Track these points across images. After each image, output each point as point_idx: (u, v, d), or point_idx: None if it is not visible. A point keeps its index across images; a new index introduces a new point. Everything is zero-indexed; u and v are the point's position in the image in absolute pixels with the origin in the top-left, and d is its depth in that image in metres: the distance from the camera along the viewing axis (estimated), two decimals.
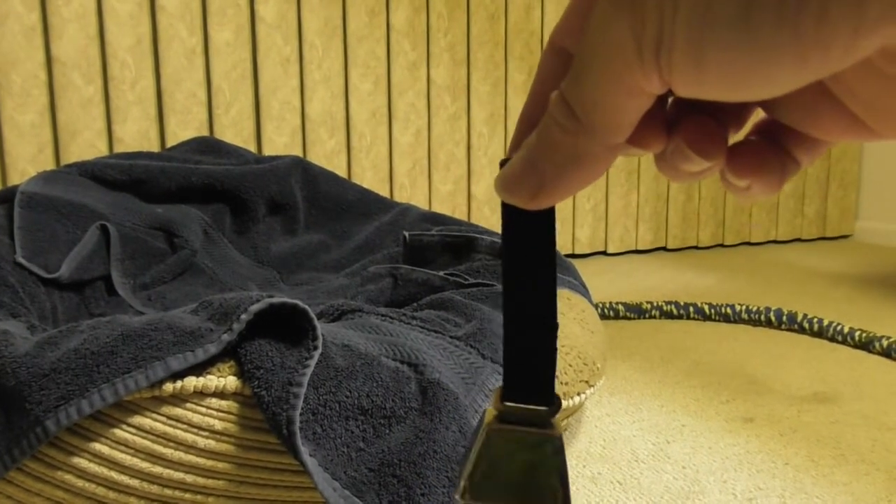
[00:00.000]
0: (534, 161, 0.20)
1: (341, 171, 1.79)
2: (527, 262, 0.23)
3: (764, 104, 0.21)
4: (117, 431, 0.50)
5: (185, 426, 0.51)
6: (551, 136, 0.20)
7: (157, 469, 0.51)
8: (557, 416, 0.24)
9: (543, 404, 0.24)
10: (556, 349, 0.24)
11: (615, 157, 0.20)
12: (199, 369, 0.52)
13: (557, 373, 0.68)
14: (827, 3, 0.14)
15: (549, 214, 0.22)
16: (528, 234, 0.23)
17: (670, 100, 0.21)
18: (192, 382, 0.51)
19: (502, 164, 0.22)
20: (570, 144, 0.19)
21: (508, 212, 0.22)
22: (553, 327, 0.23)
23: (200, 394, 0.52)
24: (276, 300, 0.54)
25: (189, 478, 0.51)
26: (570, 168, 0.20)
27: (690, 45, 0.16)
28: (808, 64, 0.15)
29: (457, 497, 0.24)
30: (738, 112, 0.22)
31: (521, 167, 0.20)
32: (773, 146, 0.21)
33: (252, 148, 1.69)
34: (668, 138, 0.20)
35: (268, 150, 1.70)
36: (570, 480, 0.71)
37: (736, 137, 0.22)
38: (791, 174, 0.21)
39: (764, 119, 0.22)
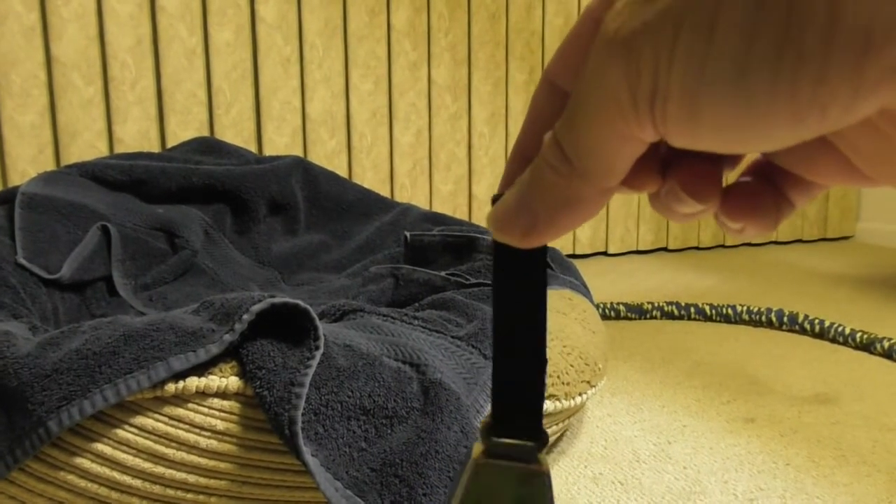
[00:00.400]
0: (526, 201, 0.20)
1: (342, 172, 1.79)
2: (517, 297, 0.23)
3: None
4: (119, 432, 0.50)
5: (187, 426, 0.51)
6: (544, 178, 0.20)
7: (160, 469, 0.51)
8: (544, 450, 0.24)
9: (531, 439, 0.24)
10: (544, 384, 0.24)
11: (608, 199, 0.20)
12: (201, 370, 0.52)
13: (559, 373, 0.68)
14: (825, 67, 0.14)
15: (541, 251, 0.23)
16: (520, 270, 0.23)
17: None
18: (194, 383, 0.51)
19: (494, 200, 0.22)
20: (563, 187, 0.19)
21: (500, 248, 0.22)
22: (542, 362, 0.24)
23: (202, 394, 0.52)
24: (277, 300, 0.54)
25: (191, 478, 0.51)
26: (563, 210, 0.20)
27: (685, 98, 0.16)
28: (805, 124, 0.15)
29: None
30: (732, 154, 0.22)
31: (513, 206, 0.20)
32: (767, 188, 0.21)
33: (253, 148, 1.69)
34: (662, 180, 0.20)
35: (268, 151, 1.70)
36: (572, 481, 0.71)
37: (731, 175, 0.22)
38: (785, 215, 0.21)
39: (759, 159, 0.22)
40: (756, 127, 0.15)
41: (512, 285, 0.23)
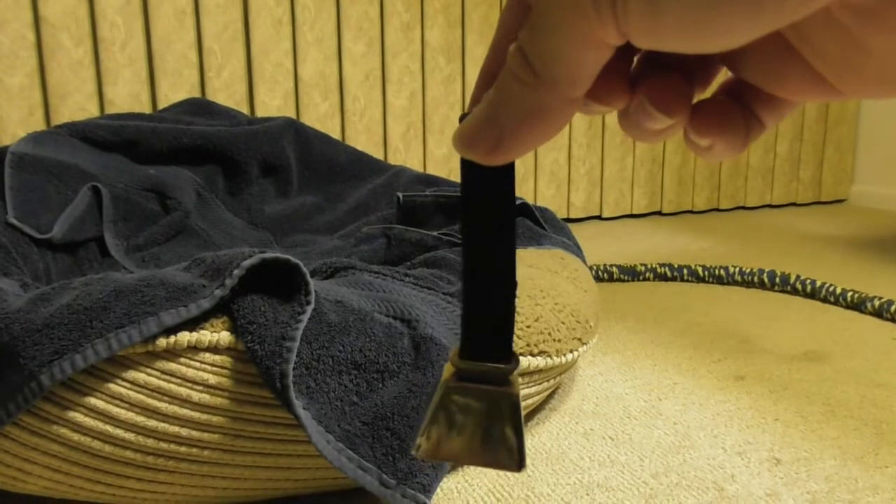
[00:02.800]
0: (492, 115, 0.20)
1: (335, 135, 1.78)
2: (486, 218, 0.23)
3: (728, 62, 0.21)
4: (112, 386, 0.50)
5: (179, 380, 0.51)
6: (510, 90, 0.19)
7: (152, 423, 0.51)
8: (515, 373, 0.24)
9: (502, 362, 0.23)
10: (514, 307, 0.24)
11: (574, 111, 0.19)
12: (192, 324, 0.52)
13: (550, 329, 0.68)
14: None
15: (509, 170, 0.22)
16: (487, 190, 0.22)
17: (636, 58, 0.21)
18: (185, 337, 0.51)
19: (461, 119, 0.21)
20: (529, 97, 0.19)
21: (467, 167, 0.22)
22: (512, 284, 0.23)
23: (194, 349, 0.52)
24: (268, 255, 0.54)
25: (184, 431, 0.52)
26: (529, 122, 0.19)
27: None
28: (764, 12, 0.15)
29: (413, 453, 0.24)
30: (703, 71, 0.21)
31: (479, 121, 0.20)
32: (737, 106, 0.21)
33: (245, 111, 1.68)
34: (631, 95, 0.20)
35: (261, 113, 1.69)
36: (563, 436, 0.72)
37: (702, 97, 0.22)
38: (755, 135, 0.21)
39: (729, 79, 0.22)
40: (716, 19, 0.15)
41: (479, 207, 0.23)
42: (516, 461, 0.23)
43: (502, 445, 0.23)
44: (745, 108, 0.21)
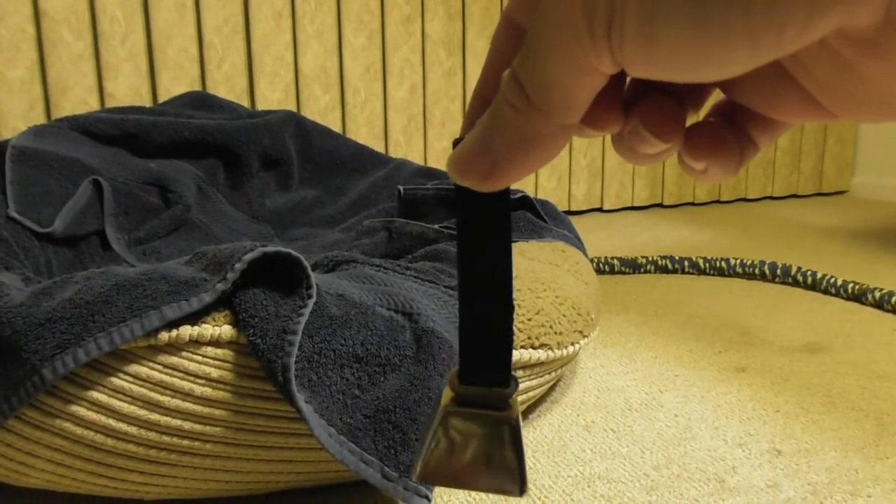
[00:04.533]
0: (486, 142, 0.20)
1: (336, 128, 1.78)
2: (482, 243, 0.23)
3: (722, 85, 0.20)
4: (114, 380, 0.51)
5: (181, 374, 0.51)
6: (503, 116, 0.19)
7: (155, 416, 0.51)
8: (515, 396, 0.24)
9: (501, 385, 0.23)
10: (512, 330, 0.24)
11: (569, 138, 0.19)
12: (194, 318, 0.52)
13: (552, 322, 0.69)
14: None
15: (504, 195, 0.22)
16: (483, 214, 0.22)
17: (628, 80, 0.21)
18: (187, 331, 0.51)
19: (455, 143, 0.21)
20: (523, 124, 0.19)
21: (462, 193, 0.22)
22: (509, 308, 0.23)
23: (196, 342, 0.52)
24: (270, 249, 0.54)
25: (186, 425, 0.52)
26: (523, 148, 0.19)
27: (641, 24, 0.15)
28: (761, 45, 0.15)
29: (412, 480, 0.24)
30: (696, 93, 0.21)
31: (473, 147, 0.20)
32: (731, 128, 0.21)
33: (245, 104, 1.67)
34: (624, 119, 0.20)
35: (261, 107, 1.69)
36: (564, 428, 0.72)
37: (694, 119, 0.21)
38: (749, 156, 0.21)
39: (722, 100, 0.21)
40: (712, 51, 0.15)
41: (476, 232, 0.22)
42: (518, 485, 0.23)
43: (504, 470, 0.23)
44: (738, 129, 0.21)
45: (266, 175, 1.16)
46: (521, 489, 0.23)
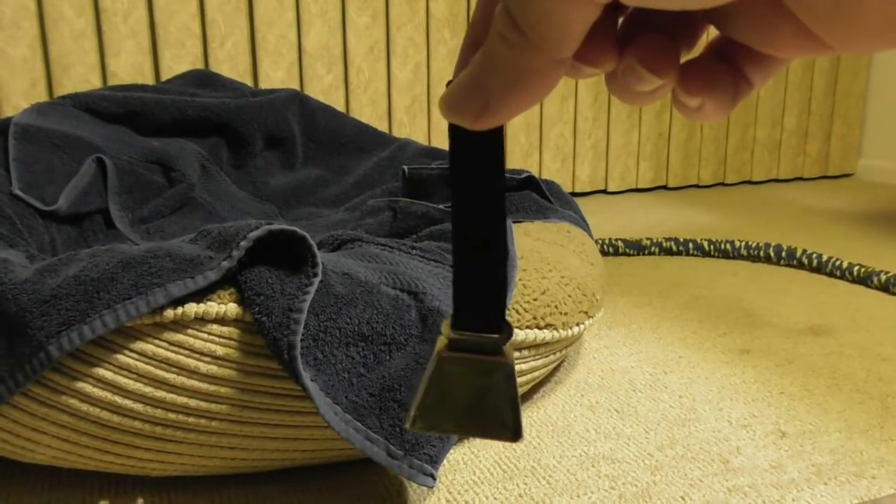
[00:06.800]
0: (479, 79, 0.19)
1: (339, 108, 1.77)
2: (475, 185, 0.22)
3: (715, 20, 0.20)
4: (120, 357, 0.51)
5: (186, 352, 0.51)
6: (496, 52, 0.19)
7: (160, 393, 0.51)
8: (509, 343, 0.23)
9: (495, 332, 0.23)
10: (506, 276, 0.23)
11: (562, 74, 0.19)
12: (199, 296, 0.52)
13: (557, 303, 0.68)
14: None
15: (497, 135, 0.22)
16: (476, 156, 0.22)
17: (622, 19, 0.21)
18: (192, 309, 0.51)
19: (448, 84, 0.21)
20: (516, 59, 0.18)
21: (455, 134, 0.21)
22: (503, 253, 0.23)
23: (201, 320, 0.52)
24: (275, 227, 0.53)
25: (192, 402, 0.52)
26: (517, 85, 0.19)
27: None
28: None
29: (407, 426, 0.24)
30: (689, 31, 0.21)
31: (465, 86, 0.20)
32: (725, 65, 0.21)
33: (248, 83, 1.66)
34: (619, 56, 0.20)
35: (264, 86, 1.67)
36: (568, 409, 0.72)
37: (688, 57, 0.21)
38: (743, 94, 0.21)
39: (716, 38, 0.21)
40: None
41: (469, 174, 0.22)
42: (512, 431, 0.23)
43: (497, 416, 0.23)
44: (732, 66, 0.21)
45: (270, 154, 1.16)
46: (516, 435, 0.23)
